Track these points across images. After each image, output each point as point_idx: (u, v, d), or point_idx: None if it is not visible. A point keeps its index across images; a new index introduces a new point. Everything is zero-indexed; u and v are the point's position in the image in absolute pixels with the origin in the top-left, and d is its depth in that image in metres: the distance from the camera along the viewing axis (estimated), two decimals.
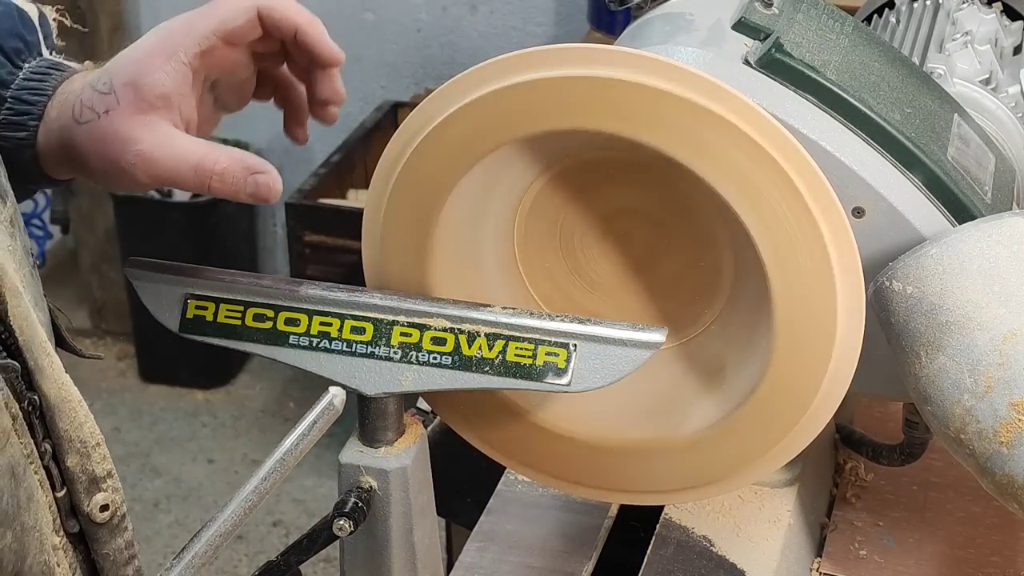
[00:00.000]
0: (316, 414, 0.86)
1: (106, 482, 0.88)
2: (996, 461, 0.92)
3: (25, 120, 0.93)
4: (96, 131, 0.91)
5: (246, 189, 0.91)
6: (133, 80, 0.92)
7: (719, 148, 0.89)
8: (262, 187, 0.91)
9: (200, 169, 0.90)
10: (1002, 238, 0.94)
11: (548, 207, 1.02)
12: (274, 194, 0.91)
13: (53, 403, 0.84)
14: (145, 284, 0.98)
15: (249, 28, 0.94)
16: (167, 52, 0.92)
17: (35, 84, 0.94)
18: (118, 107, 0.91)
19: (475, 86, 0.91)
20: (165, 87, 0.92)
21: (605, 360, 0.90)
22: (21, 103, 0.93)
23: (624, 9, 1.11)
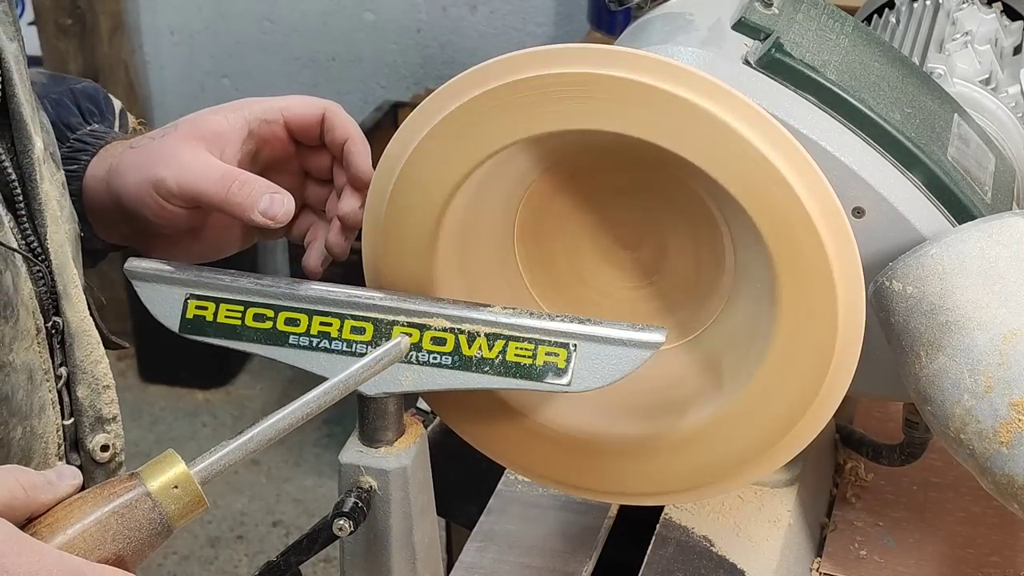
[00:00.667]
0: (384, 350, 0.87)
1: (111, 425, 0.97)
2: (996, 461, 0.92)
3: (79, 155, 1.04)
4: (144, 151, 1.00)
5: (260, 204, 0.94)
6: (195, 118, 1.01)
7: (719, 148, 0.89)
8: (275, 204, 0.95)
9: (227, 176, 0.95)
10: (1002, 238, 0.94)
11: (548, 206, 1.02)
12: (284, 215, 0.95)
13: (74, 331, 0.92)
14: (145, 284, 0.98)
15: (312, 123, 1.02)
16: (233, 108, 1.02)
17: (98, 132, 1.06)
18: (174, 132, 1.00)
19: (475, 86, 0.91)
20: (219, 126, 1.00)
21: (605, 360, 0.90)
22: (80, 143, 1.04)
23: (624, 9, 1.11)
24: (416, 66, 3.22)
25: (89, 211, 1.04)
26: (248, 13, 3.30)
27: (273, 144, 1.03)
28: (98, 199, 1.02)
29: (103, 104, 1.08)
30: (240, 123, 1.00)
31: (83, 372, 0.93)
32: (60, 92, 1.06)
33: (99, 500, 0.75)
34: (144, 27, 3.40)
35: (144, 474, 0.77)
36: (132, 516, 0.75)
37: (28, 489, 0.75)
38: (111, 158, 1.02)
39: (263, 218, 0.94)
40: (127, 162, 1.00)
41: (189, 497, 0.76)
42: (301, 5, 3.25)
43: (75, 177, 1.02)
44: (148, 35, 3.41)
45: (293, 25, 3.28)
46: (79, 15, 3.27)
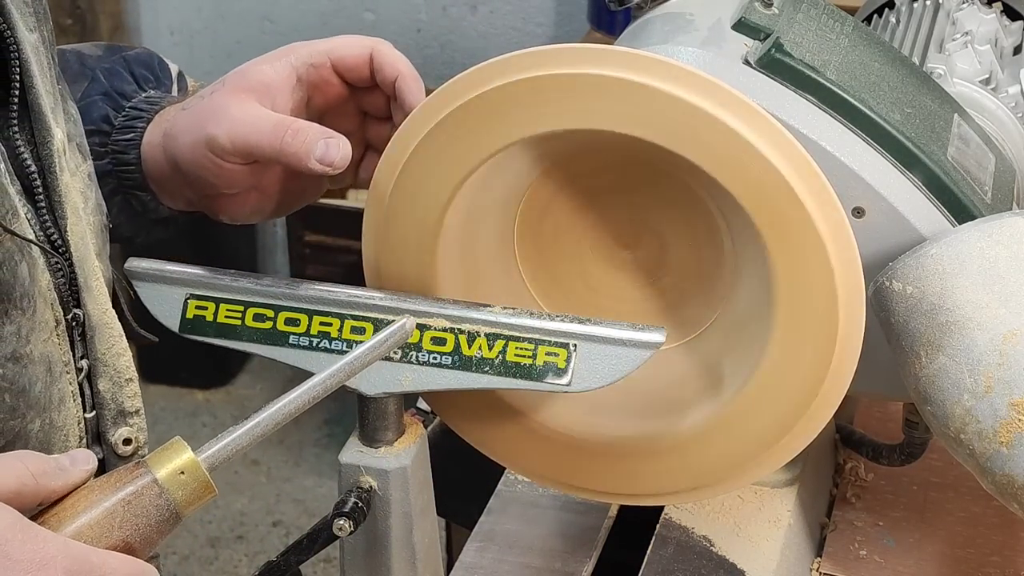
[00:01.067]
0: (389, 332, 0.85)
1: (133, 419, 0.94)
2: (996, 461, 0.92)
3: (135, 123, 1.02)
4: (196, 110, 0.98)
5: (316, 151, 0.92)
6: (243, 70, 0.99)
7: (719, 149, 0.89)
8: (332, 149, 0.93)
9: (279, 125, 0.94)
10: (1002, 238, 0.94)
11: (548, 206, 1.02)
12: (341, 160, 0.93)
13: (95, 323, 0.91)
14: (145, 284, 0.98)
15: (360, 63, 1.00)
16: (279, 55, 1.00)
17: (153, 99, 1.04)
18: (222, 88, 0.98)
19: (475, 86, 0.91)
20: (267, 76, 0.98)
21: (605, 360, 0.90)
22: (136, 110, 1.03)
23: (624, 9, 1.11)
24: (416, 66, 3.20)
25: (151, 179, 1.03)
26: (248, 13, 3.30)
27: (324, 89, 1.01)
28: (157, 166, 1.01)
29: (158, 69, 1.07)
30: (287, 70, 0.99)
31: (104, 365, 0.92)
32: (114, 62, 1.05)
33: (107, 488, 0.75)
34: (144, 27, 3.40)
35: (151, 462, 0.76)
36: (140, 504, 0.74)
37: (38, 476, 0.74)
38: (165, 123, 1.01)
39: (320, 165, 0.92)
40: (180, 124, 0.99)
41: (197, 483, 0.76)
42: (301, 5, 3.25)
43: (133, 145, 1.02)
44: (148, 35, 3.41)
45: (293, 25, 3.28)
46: (79, 15, 3.26)
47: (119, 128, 1.02)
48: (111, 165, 1.02)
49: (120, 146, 1.01)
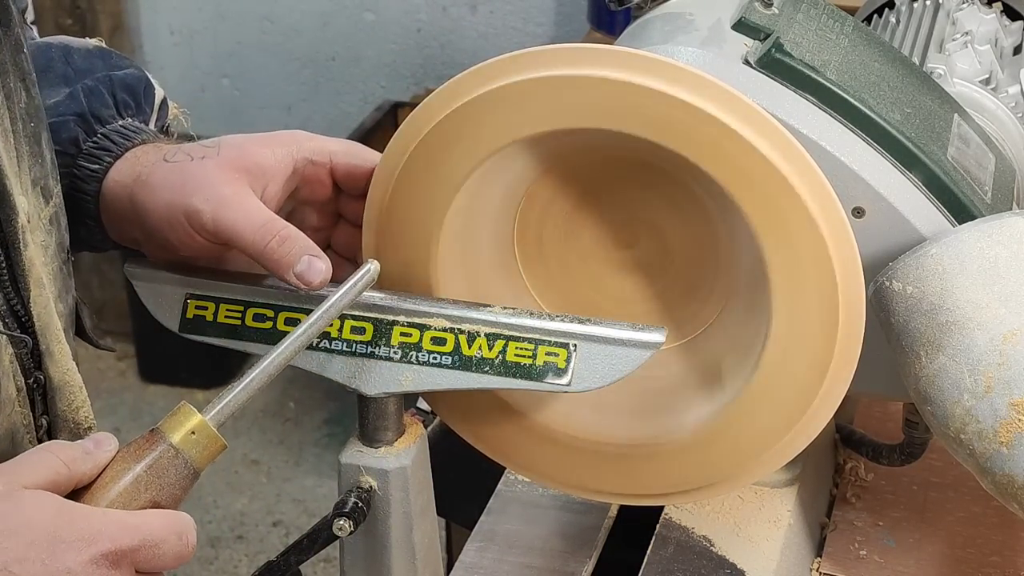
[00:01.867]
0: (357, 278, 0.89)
1: None
2: (996, 461, 0.92)
3: (102, 155, 0.98)
4: (182, 169, 0.95)
5: (297, 266, 0.91)
6: (241, 145, 0.96)
7: (718, 148, 0.89)
8: (313, 269, 0.91)
9: (268, 227, 0.92)
10: (1002, 238, 0.94)
11: (548, 206, 1.02)
12: (320, 283, 0.91)
13: (56, 385, 0.91)
14: (145, 284, 0.98)
15: (360, 174, 0.99)
16: (282, 141, 0.98)
17: (126, 131, 1.00)
18: (216, 157, 0.95)
19: (475, 86, 0.91)
20: (266, 160, 0.96)
21: (605, 360, 0.90)
22: (107, 139, 0.99)
23: (624, 9, 1.11)
24: (416, 66, 3.22)
25: (105, 213, 1.00)
26: (248, 13, 3.30)
27: (314, 185, 0.99)
28: (118, 205, 0.98)
29: (142, 95, 1.03)
30: (287, 160, 0.96)
31: (64, 420, 0.92)
32: (99, 79, 1.01)
33: (130, 460, 0.81)
34: (144, 27, 3.40)
35: (164, 428, 0.82)
36: (161, 467, 0.81)
37: (69, 464, 0.79)
38: (140, 166, 0.97)
39: (296, 280, 0.90)
40: (159, 177, 0.95)
41: (207, 440, 0.82)
42: (301, 5, 3.25)
43: (95, 178, 0.98)
44: (148, 35, 3.41)
45: (293, 25, 3.28)
46: (79, 15, 3.27)
47: (85, 154, 0.98)
48: (69, 189, 0.98)
49: (82, 173, 0.98)
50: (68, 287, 0.95)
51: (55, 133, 0.97)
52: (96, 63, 1.02)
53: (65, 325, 0.93)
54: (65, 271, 0.95)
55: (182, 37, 3.39)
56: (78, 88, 1.00)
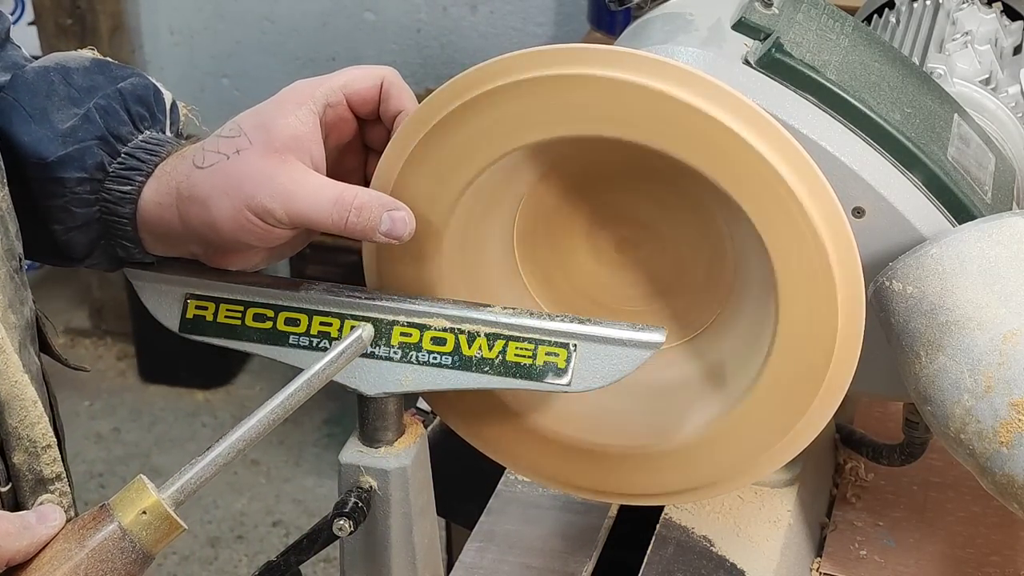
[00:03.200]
0: (346, 345, 0.86)
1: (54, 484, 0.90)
2: (996, 461, 0.92)
3: (132, 175, 0.96)
4: (225, 171, 0.92)
5: (382, 227, 0.90)
6: (264, 123, 0.93)
7: (718, 149, 0.89)
8: (398, 223, 0.90)
9: (340, 202, 0.90)
10: (1002, 238, 0.94)
11: (548, 208, 1.02)
12: (409, 233, 0.90)
13: (3, 399, 0.86)
14: (145, 284, 0.98)
15: (373, 95, 0.97)
16: (296, 101, 0.95)
17: (151, 146, 0.97)
18: (250, 147, 0.92)
19: (474, 87, 0.91)
20: (296, 129, 0.93)
21: (605, 360, 0.90)
22: (133, 159, 0.96)
23: (624, 9, 1.11)
24: (416, 66, 3.22)
25: (149, 234, 0.97)
26: (248, 13, 3.30)
27: (340, 127, 0.97)
28: (164, 225, 0.96)
29: (153, 103, 1.01)
30: (312, 119, 0.94)
31: (18, 438, 0.88)
32: (109, 96, 0.98)
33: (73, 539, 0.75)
34: (144, 27, 3.40)
35: (115, 505, 0.77)
36: (106, 551, 0.75)
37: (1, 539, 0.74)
38: (176, 181, 0.94)
39: (386, 239, 0.90)
40: (204, 186, 0.92)
41: (161, 522, 0.76)
42: (301, 5, 3.25)
43: (128, 200, 0.95)
44: (148, 35, 3.41)
45: (293, 25, 3.28)
46: (79, 15, 3.27)
47: (113, 176, 0.96)
48: (100, 214, 0.96)
49: (113, 196, 0.96)
50: (22, 297, 0.92)
51: (78, 161, 0.96)
52: (98, 79, 1.00)
53: (20, 338, 0.90)
54: (17, 280, 0.92)
55: (182, 37, 3.39)
56: (92, 109, 0.97)
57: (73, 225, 0.97)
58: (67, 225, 0.97)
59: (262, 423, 0.81)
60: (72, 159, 0.95)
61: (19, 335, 0.90)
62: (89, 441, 3.14)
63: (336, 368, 0.86)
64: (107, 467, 3.07)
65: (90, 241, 0.98)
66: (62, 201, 0.96)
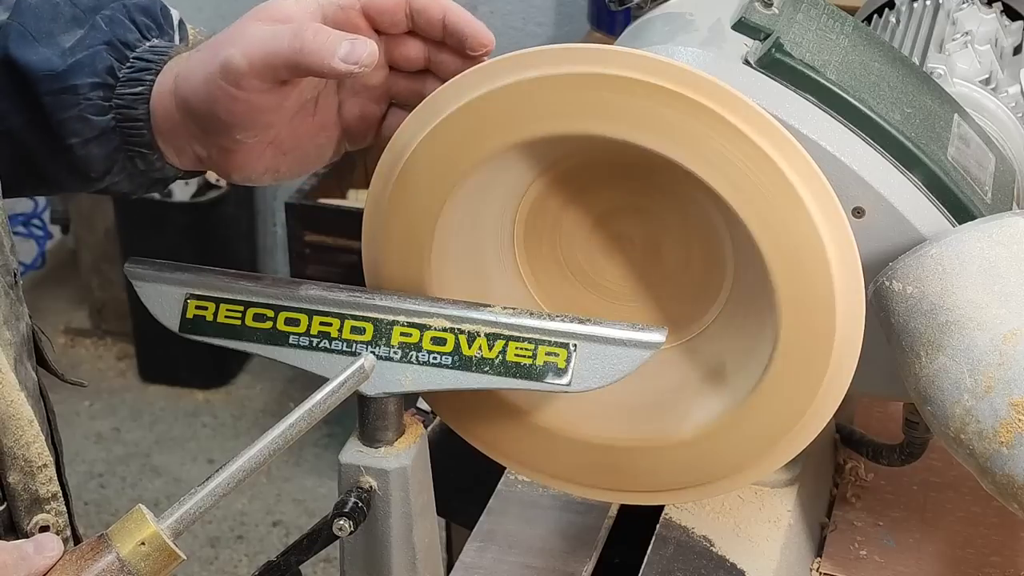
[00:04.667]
0: (347, 375, 0.87)
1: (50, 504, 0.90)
2: (996, 461, 0.92)
3: (143, 75, 0.95)
4: (209, 47, 0.92)
5: (340, 50, 0.85)
6: (264, 5, 0.92)
7: (718, 148, 0.89)
8: (358, 46, 0.85)
9: (298, 28, 0.87)
10: (1002, 238, 0.94)
11: (548, 207, 1.02)
12: (369, 57, 0.85)
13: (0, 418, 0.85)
14: (145, 284, 0.98)
15: (394, 7, 0.92)
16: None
17: (160, 49, 0.96)
18: (239, 21, 0.91)
19: (474, 87, 0.91)
20: (291, 9, 0.91)
21: (605, 360, 0.90)
22: (142, 61, 0.95)
23: (624, 9, 1.11)
24: None
25: (159, 133, 0.95)
26: None
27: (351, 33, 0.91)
28: (167, 116, 0.94)
29: (160, 16, 1.00)
30: (313, 6, 0.90)
31: (13, 457, 0.87)
32: (114, 8, 0.97)
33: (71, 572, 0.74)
34: None
35: (113, 536, 0.76)
36: None
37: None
38: (177, 68, 0.94)
39: (346, 64, 0.84)
40: (192, 64, 0.92)
41: (160, 553, 0.76)
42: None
43: (142, 100, 0.94)
44: None
45: None
46: None
47: (125, 81, 0.94)
48: (115, 122, 0.95)
49: (126, 100, 0.94)
50: (18, 313, 0.91)
51: (88, 67, 0.94)
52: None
53: (15, 354, 0.89)
54: (12, 296, 0.91)
55: None
56: (98, 19, 0.96)
57: (91, 136, 0.95)
58: (84, 137, 0.95)
59: (263, 453, 0.82)
60: (83, 65, 0.94)
61: (15, 351, 0.89)
62: (89, 441, 3.14)
63: (337, 398, 0.86)
64: (107, 467, 3.07)
65: (108, 154, 0.96)
66: (77, 111, 0.94)
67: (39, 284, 3.50)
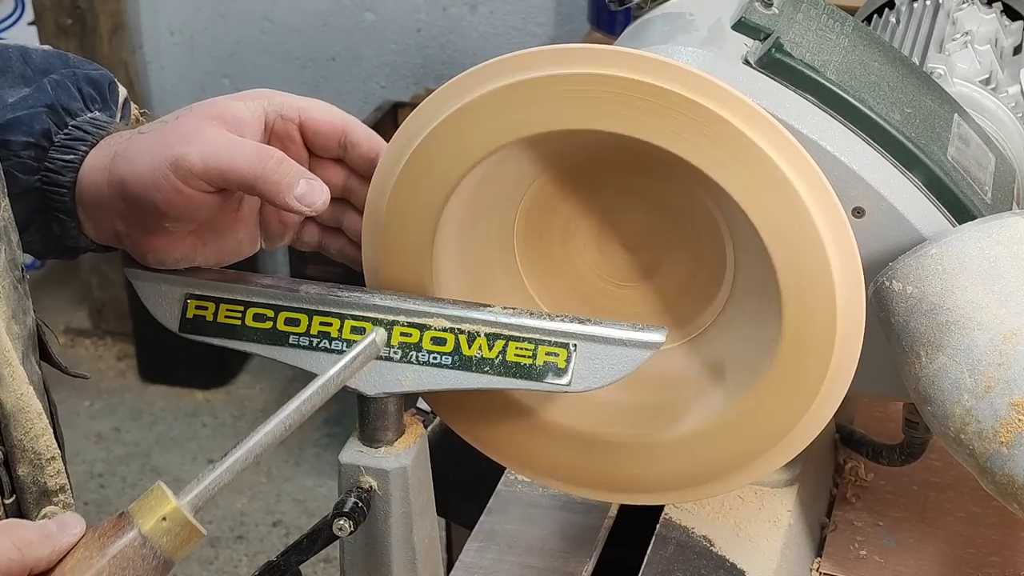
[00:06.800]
0: (360, 349, 0.87)
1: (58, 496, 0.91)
2: (996, 461, 0.92)
3: (77, 145, 0.96)
4: (158, 134, 0.92)
5: (297, 189, 0.88)
6: (212, 102, 0.94)
7: (718, 148, 0.89)
8: (314, 190, 0.88)
9: (262, 151, 0.89)
10: (1002, 238, 0.94)
11: (548, 207, 1.02)
12: (322, 204, 0.89)
13: (9, 412, 0.87)
14: (145, 284, 0.98)
15: (330, 132, 0.96)
16: (252, 96, 0.96)
17: (99, 122, 0.98)
18: (189, 114, 0.92)
19: (475, 86, 0.91)
20: (240, 112, 0.93)
21: (605, 360, 0.90)
22: (80, 130, 0.97)
23: (624, 9, 1.11)
24: (416, 66, 3.22)
25: (82, 205, 0.96)
26: (248, 13, 3.30)
27: (287, 145, 0.96)
28: (95, 190, 0.95)
29: (107, 92, 1.01)
30: (259, 112, 0.94)
31: (22, 450, 0.88)
32: (63, 74, 0.99)
33: (94, 548, 0.75)
34: (144, 27, 3.40)
35: (135, 513, 0.77)
36: (127, 558, 0.75)
37: (23, 548, 0.74)
38: (115, 145, 0.94)
39: (299, 204, 0.87)
40: (137, 146, 0.92)
41: (181, 529, 0.76)
42: (301, 5, 3.25)
43: (71, 168, 0.95)
44: (148, 35, 3.41)
45: (293, 25, 3.28)
46: (79, 15, 3.27)
47: (59, 146, 0.96)
48: (40, 183, 0.96)
49: (56, 166, 0.95)
50: (24, 308, 0.92)
51: (26, 126, 0.95)
52: (55, 62, 1.00)
53: (23, 348, 0.90)
54: (20, 290, 0.91)
55: (182, 37, 3.39)
56: (44, 82, 0.98)
57: (14, 191, 0.95)
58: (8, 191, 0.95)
59: (279, 428, 0.81)
60: (20, 123, 0.95)
61: (22, 345, 0.90)
62: (89, 441, 3.14)
63: (350, 372, 0.86)
64: (107, 467, 3.07)
65: (28, 212, 0.96)
66: (6, 165, 0.95)
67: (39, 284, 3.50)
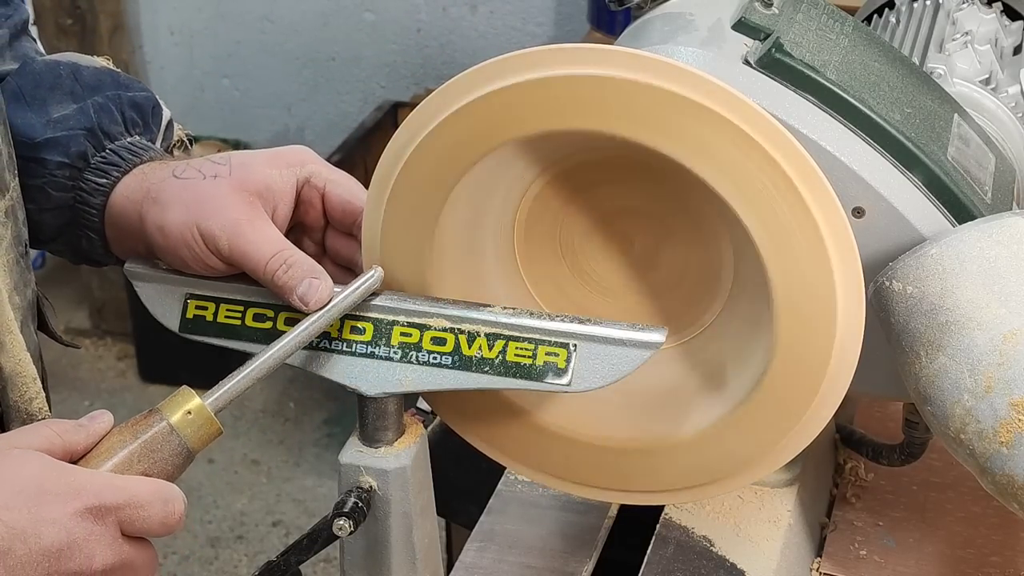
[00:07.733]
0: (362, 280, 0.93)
1: None
2: (996, 461, 0.92)
3: (111, 170, 1.01)
4: (195, 188, 0.97)
5: (299, 289, 0.92)
6: (248, 163, 0.98)
7: (718, 148, 0.89)
8: (312, 290, 0.92)
9: (277, 257, 0.94)
10: (1002, 238, 0.94)
11: (548, 207, 1.02)
12: (316, 304, 0.93)
13: (7, 375, 0.94)
14: (145, 284, 0.98)
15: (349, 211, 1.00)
16: (287, 162, 1.00)
17: (136, 148, 1.02)
18: (227, 177, 0.97)
19: (475, 86, 0.91)
20: (273, 182, 0.98)
21: (605, 360, 0.90)
22: (116, 155, 1.02)
23: (624, 9, 1.11)
24: (416, 66, 3.22)
25: (111, 228, 1.01)
26: (248, 13, 3.30)
27: (307, 208, 1.01)
28: (124, 219, 1.00)
29: (149, 116, 1.05)
30: (291, 181, 0.99)
31: (17, 411, 0.94)
32: (109, 96, 1.03)
33: (126, 434, 0.84)
34: (144, 27, 3.40)
35: (163, 407, 0.86)
36: (156, 443, 0.84)
37: (62, 434, 0.83)
38: (149, 183, 0.99)
39: (297, 301, 0.92)
40: (170, 194, 0.97)
41: (203, 421, 0.86)
42: (301, 5, 3.25)
43: (102, 192, 1.00)
44: (148, 35, 3.41)
45: (293, 25, 3.28)
46: (79, 15, 3.27)
47: (93, 168, 1.00)
48: (73, 201, 1.01)
49: (89, 187, 1.00)
50: (27, 280, 0.98)
51: (63, 147, 1.00)
52: (105, 79, 1.04)
53: (23, 317, 0.96)
54: (23, 264, 0.97)
55: (182, 37, 3.39)
56: (88, 104, 1.02)
57: (47, 207, 1.01)
58: (41, 205, 1.01)
59: (291, 344, 0.90)
60: (58, 143, 1.00)
61: (22, 315, 0.95)
62: None
63: (352, 302, 0.92)
64: None
65: (59, 226, 1.02)
66: (40, 181, 1.00)
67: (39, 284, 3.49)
